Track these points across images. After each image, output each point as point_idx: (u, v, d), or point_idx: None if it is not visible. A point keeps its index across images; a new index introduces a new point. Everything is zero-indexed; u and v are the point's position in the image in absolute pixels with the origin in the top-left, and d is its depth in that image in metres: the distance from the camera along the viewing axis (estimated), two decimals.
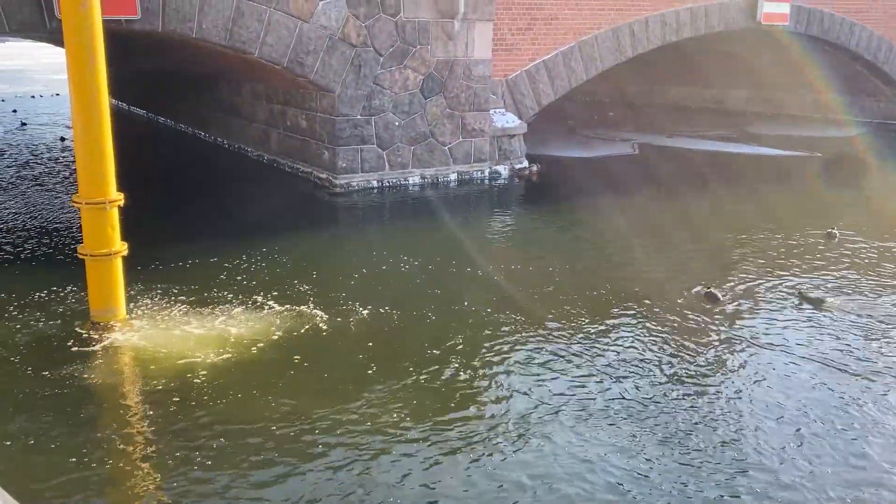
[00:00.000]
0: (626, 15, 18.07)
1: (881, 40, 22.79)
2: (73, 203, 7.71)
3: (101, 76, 7.23)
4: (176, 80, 21.69)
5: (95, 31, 7.06)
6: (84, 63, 6.99)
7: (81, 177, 7.53)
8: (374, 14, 14.23)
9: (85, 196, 7.51)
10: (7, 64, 55.19)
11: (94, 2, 6.94)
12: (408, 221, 13.46)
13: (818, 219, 13.14)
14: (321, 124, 14.98)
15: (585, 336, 8.03)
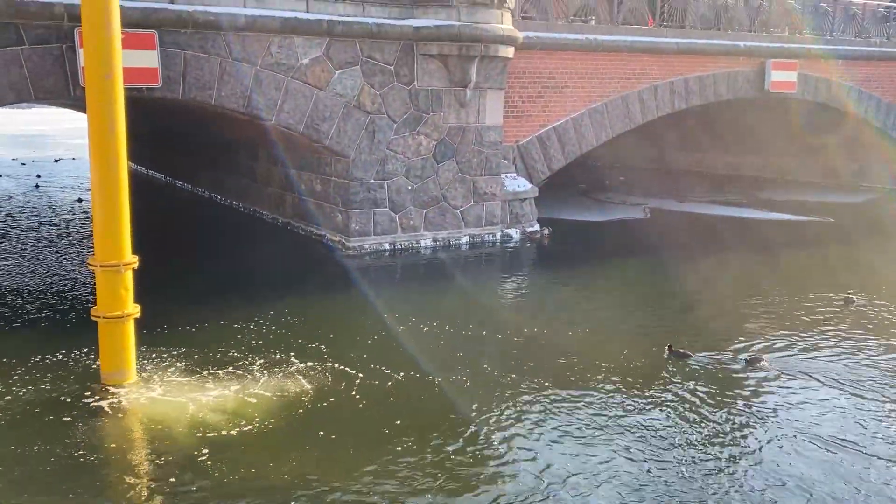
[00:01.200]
0: (635, 83, 18.41)
1: (889, 107, 23.04)
2: (88, 265, 7.80)
3: (121, 142, 7.40)
4: (194, 144, 22.16)
5: (117, 100, 7.27)
6: (105, 130, 7.18)
7: (98, 240, 7.63)
8: (388, 83, 14.58)
9: (100, 259, 7.60)
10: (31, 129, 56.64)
11: (117, 72, 7.17)
12: (420, 284, 13.48)
13: (834, 284, 13.05)
14: (335, 188, 15.18)
15: (605, 402, 7.91)
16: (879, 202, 23.04)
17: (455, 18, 14.49)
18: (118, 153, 7.38)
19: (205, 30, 12.62)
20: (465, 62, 14.87)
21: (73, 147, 39.98)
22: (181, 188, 24.92)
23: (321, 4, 13.67)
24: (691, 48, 19.05)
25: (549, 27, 17.13)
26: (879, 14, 23.62)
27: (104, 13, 7.14)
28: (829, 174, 25.96)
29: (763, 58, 20.25)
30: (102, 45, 7.15)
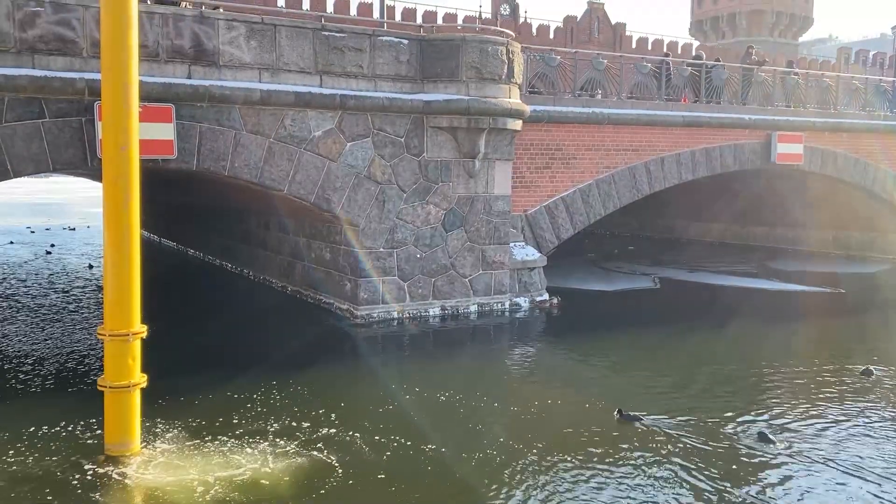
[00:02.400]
0: (642, 155, 18.67)
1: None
2: (98, 335, 7.81)
3: (134, 214, 7.52)
4: (206, 212, 22.48)
5: (132, 172, 7.42)
6: (119, 201, 7.31)
7: (108, 309, 7.66)
8: (398, 154, 14.85)
9: (109, 328, 7.62)
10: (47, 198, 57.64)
11: (133, 145, 7.34)
12: (429, 353, 13.38)
13: (850, 356, 12.87)
14: (344, 256, 15.28)
15: (623, 476, 7.71)
16: (892, 273, 22.92)
17: (464, 93, 14.84)
18: (131, 224, 7.49)
19: (220, 103, 12.97)
20: (473, 134, 15.16)
21: (88, 215, 40.60)
22: (193, 256, 25.14)
23: (334, 80, 14.06)
24: (697, 121, 19.38)
25: (556, 101, 17.51)
26: (882, 88, 24.04)
27: (124, 88, 7.36)
28: (839, 245, 25.94)
29: (769, 130, 20.55)
30: (120, 119, 7.35)
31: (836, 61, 58.20)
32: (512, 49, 15.45)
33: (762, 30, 59.32)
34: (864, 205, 23.98)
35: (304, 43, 13.74)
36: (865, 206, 24.06)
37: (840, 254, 25.52)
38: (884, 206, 23.66)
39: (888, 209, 23.74)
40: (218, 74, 12.99)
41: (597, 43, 46.11)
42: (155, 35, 12.39)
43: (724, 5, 60.89)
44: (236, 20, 13.23)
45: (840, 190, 23.27)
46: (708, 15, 62.36)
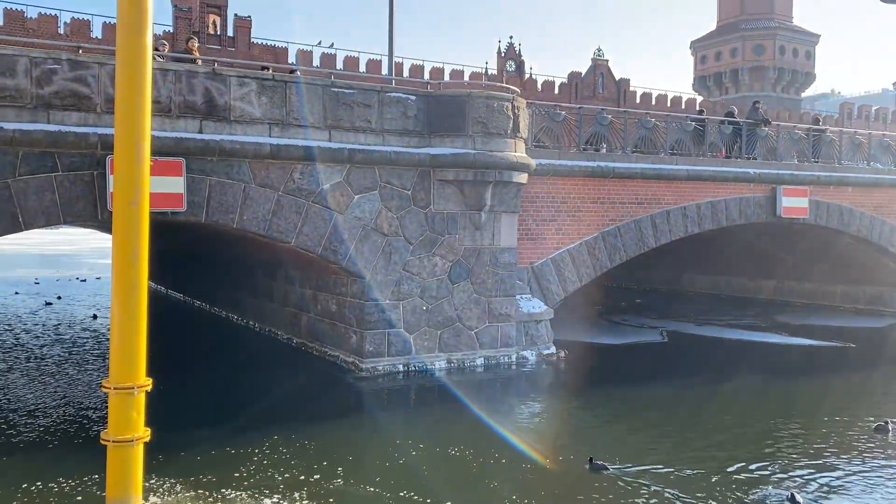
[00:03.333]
0: (647, 208, 18.76)
1: None
2: (103, 387, 7.78)
3: (143, 267, 7.57)
4: (213, 264, 22.57)
5: (142, 226, 7.50)
6: (128, 254, 7.37)
7: (114, 361, 7.65)
8: (405, 206, 14.98)
9: (115, 381, 7.59)
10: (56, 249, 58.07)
11: (144, 199, 7.44)
12: (435, 408, 13.24)
13: (861, 411, 12.67)
14: (350, 308, 15.27)
15: None
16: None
17: (470, 147, 15.04)
18: (140, 277, 7.54)
19: (230, 157, 13.17)
20: (480, 187, 15.30)
21: (96, 266, 40.81)
22: (199, 308, 25.15)
23: (343, 134, 14.29)
24: (701, 175, 19.52)
25: (561, 154, 17.70)
26: (885, 143, 24.23)
27: (136, 143, 7.50)
28: (847, 298, 25.80)
29: (774, 184, 20.66)
30: (132, 173, 7.46)
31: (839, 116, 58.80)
32: (517, 104, 15.71)
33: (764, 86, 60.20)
34: (871, 259, 23.92)
35: (314, 99, 14.01)
36: (873, 260, 24.00)
37: (848, 308, 25.35)
38: (891, 259, 23.59)
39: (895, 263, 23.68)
40: (229, 129, 13.22)
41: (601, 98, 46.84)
42: (168, 91, 12.67)
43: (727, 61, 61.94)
44: (248, 77, 13.53)
45: (847, 244, 23.26)
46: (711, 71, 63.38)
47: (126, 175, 7.50)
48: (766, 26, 60.03)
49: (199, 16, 40.79)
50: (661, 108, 47.18)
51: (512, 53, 48.10)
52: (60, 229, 72.63)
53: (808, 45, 62.10)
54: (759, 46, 60.33)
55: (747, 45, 60.58)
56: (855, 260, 24.29)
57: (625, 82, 49.90)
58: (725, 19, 63.26)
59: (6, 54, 11.67)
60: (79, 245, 60.72)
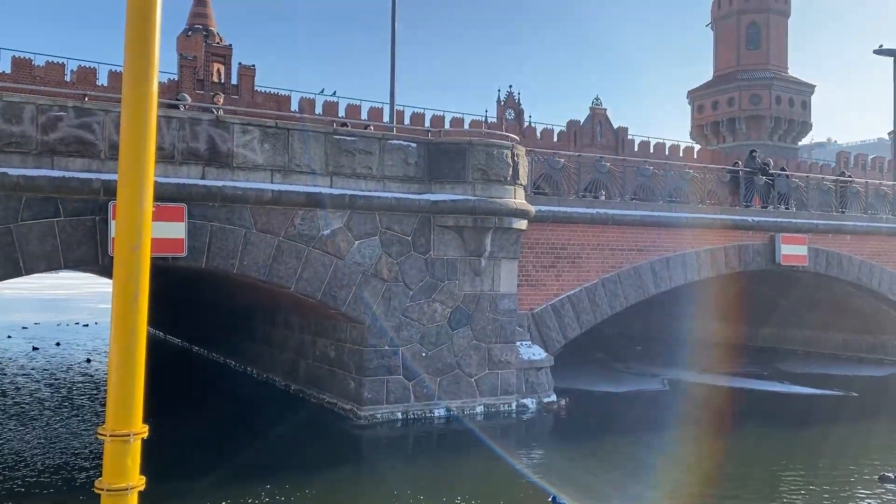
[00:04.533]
0: (647, 255, 18.80)
1: None
2: (98, 435, 7.67)
3: (143, 312, 7.50)
4: (212, 310, 22.52)
5: (143, 272, 7.46)
6: (128, 300, 7.29)
7: (110, 408, 7.54)
8: (405, 252, 15.01)
9: (111, 428, 7.49)
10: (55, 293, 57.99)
11: (145, 245, 7.44)
12: (433, 457, 13.05)
13: (865, 461, 12.49)
14: (349, 354, 15.18)
15: None
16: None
17: (471, 193, 15.15)
18: (139, 323, 7.46)
19: (232, 203, 13.26)
20: (479, 233, 15.36)
21: (95, 311, 40.69)
22: (197, 353, 25.00)
23: (344, 180, 14.41)
24: (699, 222, 19.60)
25: (560, 201, 17.82)
26: (882, 192, 24.42)
27: (139, 190, 7.51)
28: (848, 347, 25.66)
29: (772, 232, 20.75)
30: (134, 219, 7.45)
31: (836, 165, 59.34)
32: (517, 152, 15.88)
33: (761, 134, 60.91)
34: (871, 306, 23.87)
35: (316, 146, 14.18)
36: (873, 308, 23.94)
37: (850, 356, 25.20)
38: (891, 307, 23.54)
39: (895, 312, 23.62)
40: (231, 175, 13.34)
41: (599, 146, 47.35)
42: (172, 138, 12.83)
43: (724, 111, 62.78)
44: (251, 124, 13.71)
45: (848, 292, 23.23)
46: (708, 120, 64.21)
47: (128, 221, 7.50)
48: (762, 77, 61.02)
49: (204, 64, 41.50)
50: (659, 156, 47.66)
51: (511, 102, 48.80)
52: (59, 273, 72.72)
53: (804, 95, 63.02)
54: (756, 96, 61.24)
55: (744, 94, 61.50)
56: (855, 308, 24.23)
57: (623, 130, 50.50)
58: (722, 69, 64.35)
59: (13, 101, 11.85)
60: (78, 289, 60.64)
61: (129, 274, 7.48)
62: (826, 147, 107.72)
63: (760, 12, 62.59)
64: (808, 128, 64.73)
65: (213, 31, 54.40)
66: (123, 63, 7.50)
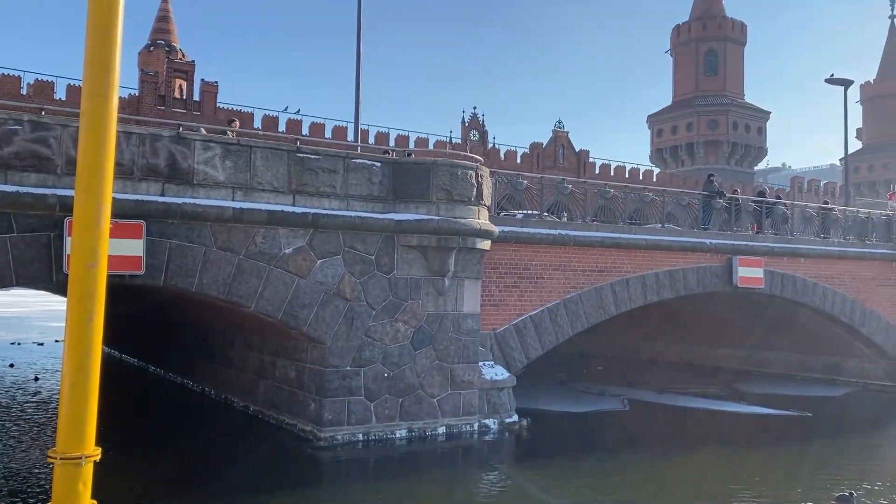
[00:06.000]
0: (607, 276, 19.00)
1: (854, 303, 23.79)
2: (48, 458, 7.43)
3: (98, 331, 7.36)
4: (168, 329, 22.09)
5: (99, 290, 7.32)
6: (83, 319, 7.16)
7: (61, 430, 7.33)
8: (368, 271, 14.93)
9: (61, 450, 7.26)
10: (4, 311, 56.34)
11: (102, 261, 7.29)
12: (394, 479, 12.91)
13: (822, 481, 12.70)
14: (310, 375, 14.99)
15: None
16: (856, 396, 23.09)
17: (435, 213, 15.17)
18: (94, 342, 7.32)
19: (192, 220, 13.06)
20: (443, 253, 15.37)
21: (47, 330, 39.58)
22: (154, 373, 24.46)
23: (307, 199, 14.31)
24: (658, 244, 19.90)
25: (523, 222, 17.95)
26: (833, 217, 25.11)
27: (96, 206, 7.39)
28: (804, 367, 26.20)
29: (729, 254, 21.16)
30: (90, 236, 7.33)
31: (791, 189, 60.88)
32: (481, 173, 15.98)
33: (719, 159, 62.33)
34: (825, 328, 24.42)
35: (279, 164, 14.07)
36: (828, 330, 24.50)
37: (805, 377, 25.72)
38: (844, 329, 24.12)
39: (849, 333, 24.20)
40: (191, 192, 13.15)
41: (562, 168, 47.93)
42: (131, 154, 12.61)
43: (683, 135, 64.13)
44: (213, 141, 13.56)
45: (803, 313, 23.75)
46: (667, 144, 65.48)
47: (84, 237, 7.36)
48: (720, 103, 62.56)
49: (166, 80, 41.05)
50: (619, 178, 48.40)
51: (476, 123, 49.17)
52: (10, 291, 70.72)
53: (760, 122, 64.73)
54: (713, 122, 62.70)
55: (702, 120, 62.93)
56: (809, 329, 24.78)
57: (584, 153, 51.20)
58: (681, 95, 65.81)
59: None
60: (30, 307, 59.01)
61: (84, 292, 7.32)
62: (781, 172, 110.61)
63: (718, 40, 64.32)
64: (763, 153, 66.44)
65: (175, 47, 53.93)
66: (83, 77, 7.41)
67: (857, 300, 23.82)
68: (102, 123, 7.60)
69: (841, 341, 24.82)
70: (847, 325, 23.74)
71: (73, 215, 7.60)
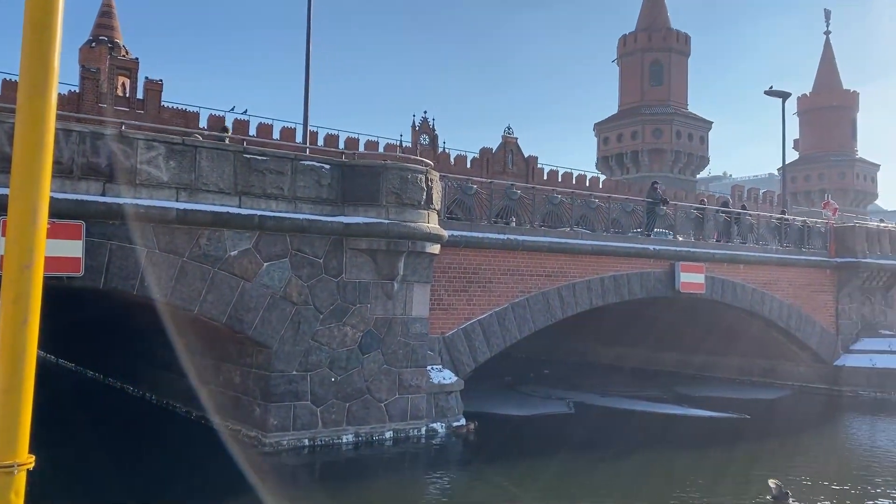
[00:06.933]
0: (554, 281, 19.24)
1: (791, 308, 24.62)
2: None
3: (33, 335, 7.08)
4: (107, 332, 21.46)
5: (34, 290, 7.06)
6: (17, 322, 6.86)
7: None
8: (316, 275, 14.79)
9: None
10: None
11: (38, 263, 7.04)
12: (340, 485, 12.79)
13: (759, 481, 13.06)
14: (255, 380, 14.76)
15: None
16: (791, 399, 23.87)
17: (384, 216, 15.13)
18: (29, 346, 7.02)
19: (134, 221, 12.73)
20: (392, 257, 15.33)
21: None
22: (91, 378, 23.73)
23: (254, 200, 14.10)
24: (604, 250, 20.24)
25: (473, 227, 18.04)
26: (773, 225, 25.93)
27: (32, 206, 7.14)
28: (743, 371, 26.97)
29: (672, 260, 21.64)
30: (26, 236, 7.04)
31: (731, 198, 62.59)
32: (431, 177, 16.00)
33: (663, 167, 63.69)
34: (764, 333, 25.19)
35: (225, 164, 13.83)
36: (764, 334, 25.28)
37: (744, 380, 26.47)
38: (780, 333, 24.93)
39: (785, 337, 25.01)
40: (134, 193, 12.83)
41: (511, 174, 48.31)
42: (70, 152, 12.23)
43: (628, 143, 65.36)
44: (156, 140, 13.26)
45: (742, 319, 24.45)
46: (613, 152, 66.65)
47: (19, 238, 7.09)
48: (664, 112, 63.98)
49: (109, 77, 39.95)
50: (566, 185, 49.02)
51: (426, 127, 49.20)
52: None
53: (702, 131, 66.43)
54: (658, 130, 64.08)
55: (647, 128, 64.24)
56: (748, 334, 25.52)
57: (533, 159, 51.72)
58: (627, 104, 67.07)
59: None
60: None
61: (18, 294, 7.04)
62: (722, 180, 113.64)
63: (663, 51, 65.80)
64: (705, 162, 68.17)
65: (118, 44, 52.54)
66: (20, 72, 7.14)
67: (793, 306, 24.64)
68: (40, 120, 7.36)
69: (778, 345, 25.63)
70: (783, 329, 24.53)
71: (8, 214, 7.33)
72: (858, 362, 24.83)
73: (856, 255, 25.72)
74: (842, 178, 73.89)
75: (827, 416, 21.88)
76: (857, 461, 16.24)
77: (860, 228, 26.90)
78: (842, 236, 26.35)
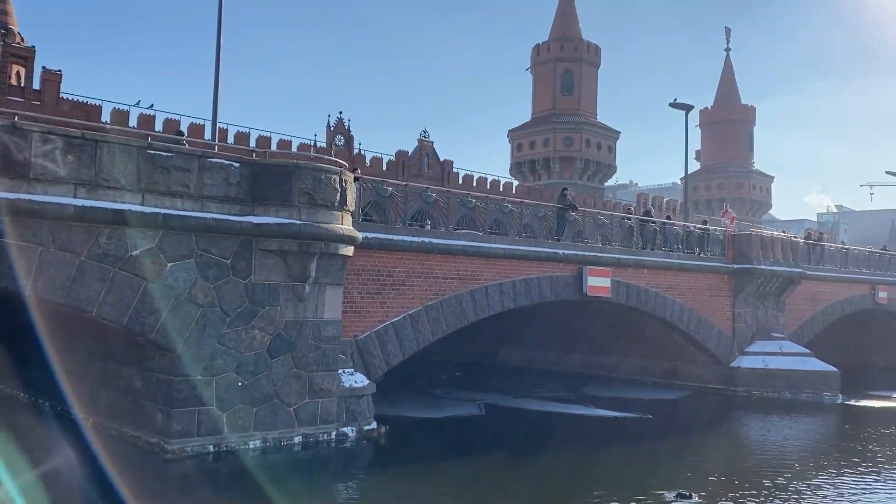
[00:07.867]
0: (468, 284, 19.39)
1: (691, 312, 25.67)
2: None
3: None
4: None
5: None
6: None
7: None
8: (224, 276, 14.36)
9: None
10: None
11: None
12: (245, 493, 12.42)
13: (661, 480, 13.53)
14: (157, 384, 14.19)
15: None
16: (691, 399, 24.91)
17: (296, 217, 14.85)
18: None
19: (27, 218, 12.02)
20: (304, 258, 15.06)
21: None
22: None
23: (157, 198, 13.55)
24: (515, 254, 20.55)
25: (388, 229, 17.96)
26: (674, 231, 26.99)
27: None
28: (646, 372, 27.95)
29: (580, 264, 22.18)
30: None
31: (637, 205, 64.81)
32: (345, 178, 15.83)
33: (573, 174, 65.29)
34: (665, 335, 26.19)
35: (128, 160, 13.25)
36: (666, 336, 26.28)
37: (647, 381, 27.43)
38: (681, 336, 25.98)
39: (686, 340, 26.08)
40: (27, 188, 12.12)
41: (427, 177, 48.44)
42: None
43: (540, 151, 66.67)
44: (53, 133, 12.56)
45: (646, 321, 25.33)
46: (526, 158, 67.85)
47: None
48: (574, 121, 65.62)
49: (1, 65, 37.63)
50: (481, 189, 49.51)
51: (341, 128, 48.68)
52: None
53: (610, 140, 68.49)
54: (569, 138, 65.65)
55: (558, 136, 65.71)
56: (651, 336, 26.48)
57: (448, 163, 52.03)
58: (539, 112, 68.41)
59: None
60: None
61: None
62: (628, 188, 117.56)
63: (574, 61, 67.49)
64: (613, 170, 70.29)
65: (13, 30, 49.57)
66: None
67: (693, 309, 25.71)
68: None
69: (679, 348, 26.70)
70: (684, 332, 25.57)
71: None
72: (752, 363, 26.18)
73: (751, 262, 27.08)
74: (739, 188, 77.70)
75: (723, 415, 22.94)
76: (750, 457, 17.08)
77: (755, 236, 28.35)
78: (739, 244, 27.70)
